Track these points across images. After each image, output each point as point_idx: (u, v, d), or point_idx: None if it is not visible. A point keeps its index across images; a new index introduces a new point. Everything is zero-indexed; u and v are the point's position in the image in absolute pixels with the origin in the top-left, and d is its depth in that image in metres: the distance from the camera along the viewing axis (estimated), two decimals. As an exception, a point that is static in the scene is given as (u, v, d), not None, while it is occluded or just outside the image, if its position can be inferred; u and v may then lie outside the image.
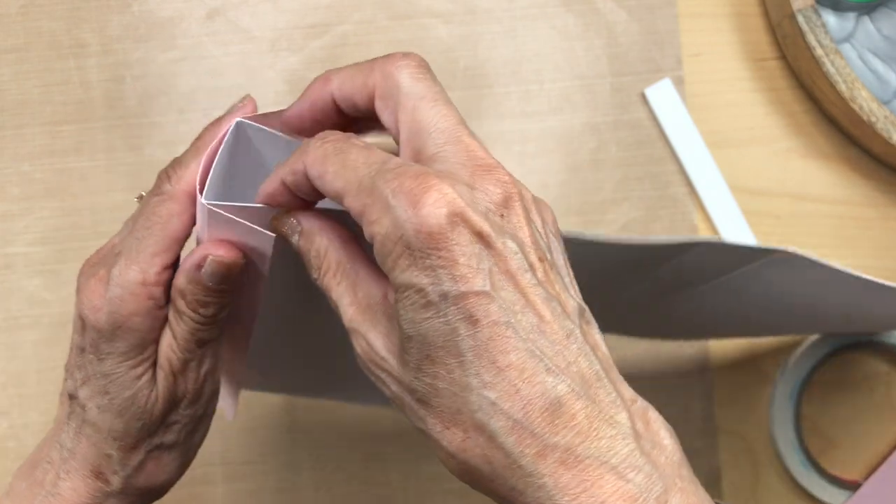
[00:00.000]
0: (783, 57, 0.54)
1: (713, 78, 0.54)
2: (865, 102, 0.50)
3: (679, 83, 0.53)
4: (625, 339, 0.53)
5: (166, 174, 0.34)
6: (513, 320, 0.27)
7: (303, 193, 0.30)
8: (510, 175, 0.31)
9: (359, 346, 0.29)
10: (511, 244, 0.28)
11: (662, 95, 0.53)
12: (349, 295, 0.30)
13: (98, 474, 0.35)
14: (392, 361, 0.29)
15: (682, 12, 0.54)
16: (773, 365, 0.54)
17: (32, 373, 0.53)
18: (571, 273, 0.31)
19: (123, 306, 0.33)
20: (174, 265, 0.34)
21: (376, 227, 0.27)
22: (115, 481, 0.35)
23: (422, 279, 0.27)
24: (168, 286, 0.34)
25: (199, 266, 0.33)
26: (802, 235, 0.54)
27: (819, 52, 0.50)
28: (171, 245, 0.33)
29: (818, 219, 0.54)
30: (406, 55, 0.31)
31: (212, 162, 0.32)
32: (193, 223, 0.34)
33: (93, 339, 0.34)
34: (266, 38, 0.53)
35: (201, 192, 0.31)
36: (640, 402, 0.31)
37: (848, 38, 0.53)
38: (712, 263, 0.38)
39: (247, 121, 0.33)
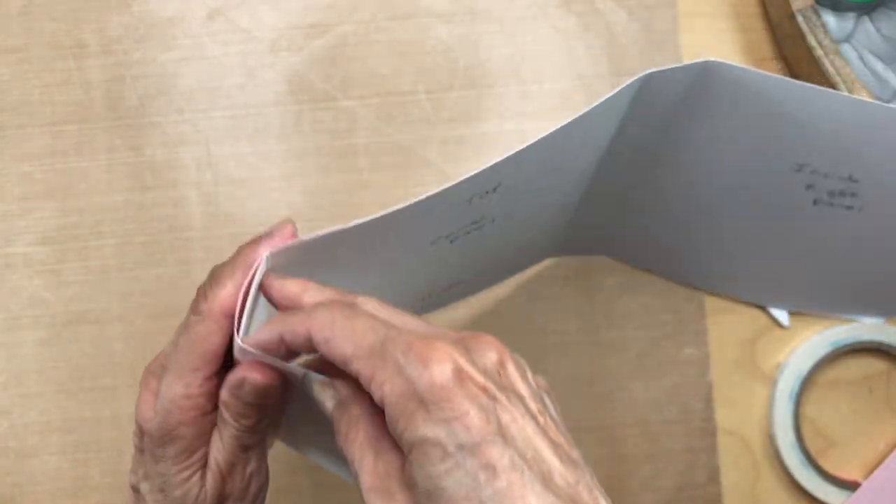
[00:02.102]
0: (783, 57, 0.54)
1: (713, 78, 0.54)
2: (865, 102, 0.50)
3: (679, 83, 0.54)
4: (623, 338, 0.53)
5: (204, 293, 0.37)
6: (526, 467, 0.29)
7: (295, 348, 0.34)
8: (497, 339, 0.33)
9: None
10: (513, 398, 0.31)
11: (662, 95, 0.53)
12: (370, 464, 0.32)
13: None
14: None
15: (682, 12, 0.54)
16: (772, 365, 0.54)
17: (33, 373, 0.53)
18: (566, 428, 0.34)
19: (171, 417, 0.37)
20: (218, 373, 0.37)
21: (388, 388, 0.30)
22: None
23: (438, 432, 0.29)
24: (212, 394, 0.37)
25: (240, 385, 0.36)
26: (802, 235, 0.54)
27: (819, 52, 0.50)
28: (210, 360, 0.36)
29: (818, 219, 0.54)
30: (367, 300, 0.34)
31: (246, 298, 0.35)
32: (228, 339, 0.37)
33: (148, 444, 0.38)
34: (266, 38, 0.53)
35: (238, 331, 0.35)
36: None
37: (847, 39, 0.53)
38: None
39: (274, 252, 0.36)
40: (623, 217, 0.48)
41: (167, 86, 0.53)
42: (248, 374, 0.35)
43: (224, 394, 0.36)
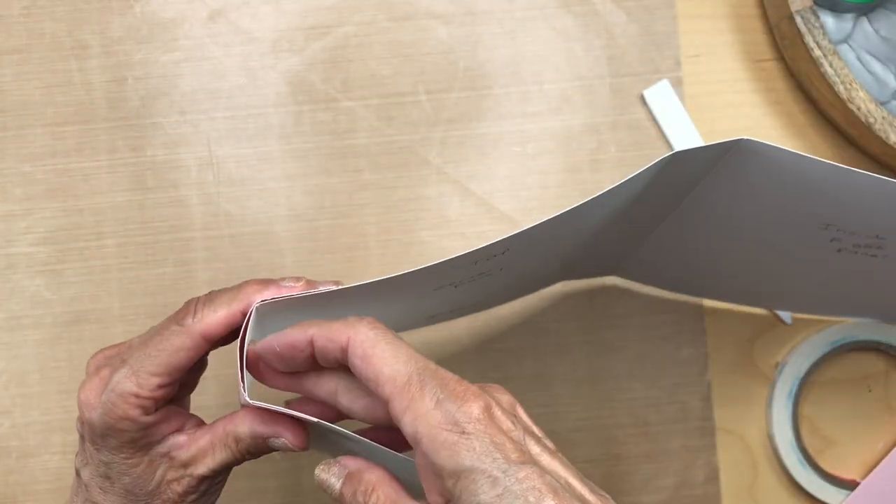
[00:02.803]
0: (781, 58, 0.54)
1: (712, 79, 0.54)
2: (863, 103, 0.50)
3: (678, 84, 0.54)
4: (623, 338, 0.54)
5: (194, 308, 0.37)
6: (561, 489, 0.31)
7: (322, 355, 0.35)
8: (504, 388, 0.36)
9: None
10: (532, 436, 0.33)
11: (661, 97, 0.53)
12: None
13: None
14: None
15: (681, 13, 0.54)
16: (771, 364, 0.54)
17: (34, 372, 0.53)
18: None
19: (115, 410, 0.36)
20: (172, 384, 0.37)
21: (427, 420, 0.32)
22: None
23: (485, 461, 0.31)
24: (159, 399, 0.37)
25: (270, 437, 0.37)
26: (801, 236, 0.54)
27: (817, 53, 0.50)
28: (171, 371, 0.37)
29: (816, 219, 0.54)
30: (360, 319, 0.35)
31: (242, 351, 0.36)
32: (198, 359, 0.37)
33: (88, 431, 0.37)
34: (267, 40, 0.54)
35: (244, 387, 0.36)
36: None
37: (846, 39, 0.53)
38: (676, 177, 0.39)
39: (266, 304, 0.37)
40: (637, 251, 0.47)
41: (168, 87, 0.53)
42: (286, 435, 0.37)
43: (244, 430, 0.37)
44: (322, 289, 0.37)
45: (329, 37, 0.54)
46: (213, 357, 0.40)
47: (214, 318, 0.37)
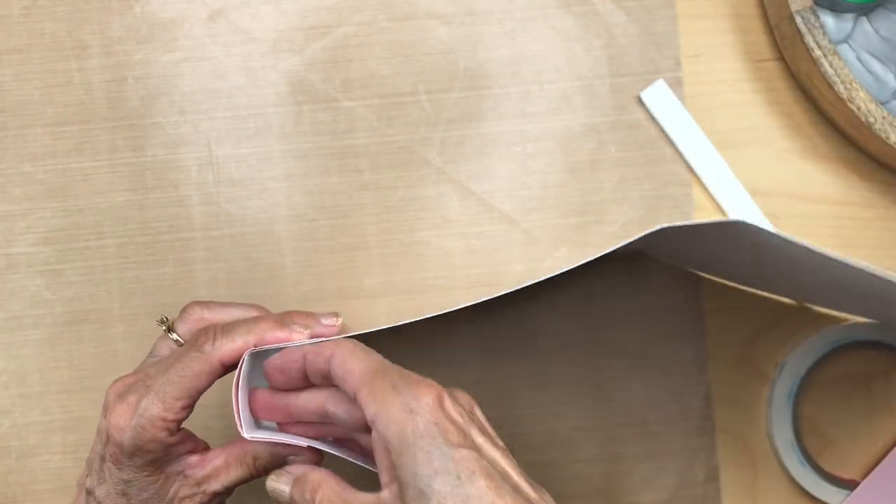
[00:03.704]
0: (781, 58, 0.54)
1: (712, 79, 0.54)
2: (863, 103, 0.50)
3: (678, 84, 0.54)
4: (623, 338, 0.54)
5: (213, 335, 0.42)
6: (499, 477, 0.35)
7: (310, 368, 0.40)
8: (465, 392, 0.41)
9: None
10: (482, 432, 0.37)
11: (658, 97, 0.53)
12: None
13: None
14: None
15: (681, 13, 0.54)
16: (771, 364, 0.54)
17: (34, 372, 0.53)
18: None
19: (144, 433, 0.40)
20: (190, 406, 0.42)
21: (384, 403, 0.36)
22: None
23: (428, 440, 0.35)
24: (182, 420, 0.42)
25: (289, 454, 0.42)
26: (801, 235, 0.54)
27: (817, 53, 0.50)
28: (193, 395, 0.41)
29: (816, 219, 0.54)
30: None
31: (238, 393, 0.41)
32: (214, 381, 0.42)
33: (113, 452, 0.41)
34: (267, 40, 0.54)
35: (241, 425, 0.41)
36: None
37: (846, 39, 0.53)
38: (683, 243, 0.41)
39: (258, 350, 0.42)
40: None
41: (168, 87, 0.53)
42: (303, 453, 0.42)
43: (264, 452, 0.42)
44: (322, 339, 0.41)
45: (329, 37, 0.54)
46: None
47: (232, 346, 0.41)
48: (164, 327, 0.44)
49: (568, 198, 0.54)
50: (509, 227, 0.54)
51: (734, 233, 0.38)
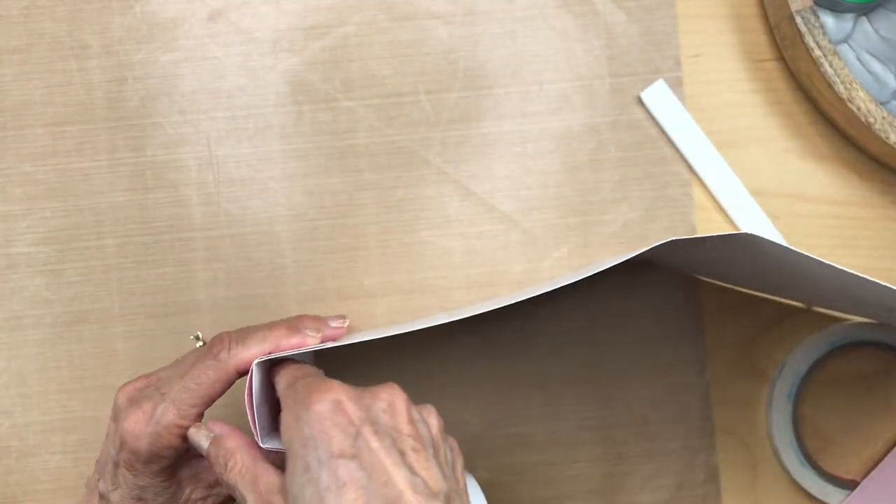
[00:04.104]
0: (781, 58, 0.54)
1: (712, 79, 0.54)
2: (863, 103, 0.50)
3: (678, 84, 0.54)
4: (623, 338, 0.54)
5: (228, 343, 0.42)
6: (374, 490, 0.34)
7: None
8: (399, 389, 0.38)
9: None
10: (386, 435, 0.36)
11: (658, 97, 0.53)
12: (252, 487, 0.38)
13: None
14: None
15: (681, 13, 0.54)
16: (770, 364, 0.54)
17: (34, 372, 0.53)
18: (459, 470, 0.39)
19: (161, 440, 0.41)
20: (203, 412, 0.42)
21: (284, 419, 0.37)
22: None
23: (307, 449, 0.35)
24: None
25: None
26: (800, 235, 0.54)
27: (817, 53, 0.50)
28: (207, 402, 0.42)
29: (816, 219, 0.54)
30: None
31: (253, 400, 0.41)
32: (228, 388, 0.42)
33: (128, 458, 0.41)
34: (267, 40, 0.54)
35: (257, 434, 0.41)
36: None
37: (846, 39, 0.53)
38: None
39: (265, 359, 0.42)
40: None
41: (169, 87, 0.53)
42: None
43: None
44: (331, 344, 0.42)
45: (329, 37, 0.54)
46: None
47: (247, 354, 0.42)
48: (199, 343, 0.45)
49: (568, 198, 0.54)
50: (509, 227, 0.54)
51: (741, 244, 0.38)
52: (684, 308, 0.54)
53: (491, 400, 0.54)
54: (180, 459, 0.43)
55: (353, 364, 0.53)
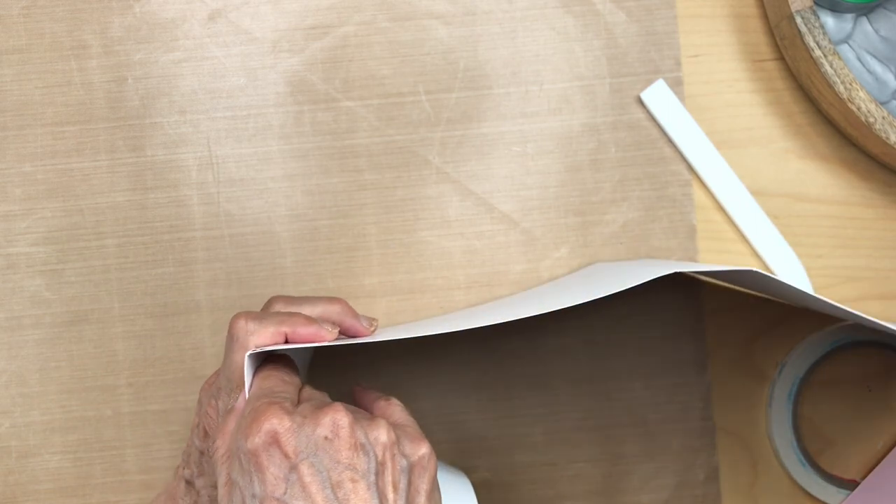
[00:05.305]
0: (781, 58, 0.54)
1: (712, 79, 0.54)
2: (863, 103, 0.50)
3: (678, 84, 0.54)
4: (623, 338, 0.54)
5: (245, 324, 0.42)
6: None
7: None
8: (345, 408, 0.37)
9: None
10: (320, 465, 0.36)
11: (658, 97, 0.53)
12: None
13: None
14: None
15: (681, 13, 0.54)
16: (771, 364, 0.54)
17: (34, 372, 0.53)
18: (419, 485, 0.38)
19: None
20: None
21: (232, 438, 0.38)
22: None
23: (244, 480, 0.36)
24: None
25: None
26: (800, 236, 0.54)
27: (817, 53, 0.50)
28: (240, 383, 0.42)
29: (816, 219, 0.54)
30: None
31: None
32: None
33: (210, 447, 0.43)
34: (267, 40, 0.54)
35: None
36: None
37: (846, 40, 0.53)
38: None
39: (256, 352, 0.41)
40: None
41: (168, 87, 0.53)
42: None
43: None
44: (341, 341, 0.42)
45: (329, 37, 0.54)
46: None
47: (265, 334, 0.41)
48: None
49: (568, 198, 0.54)
50: (509, 227, 0.54)
51: (749, 277, 0.38)
52: (684, 308, 0.54)
53: (490, 400, 0.54)
54: None
55: (353, 364, 0.53)
